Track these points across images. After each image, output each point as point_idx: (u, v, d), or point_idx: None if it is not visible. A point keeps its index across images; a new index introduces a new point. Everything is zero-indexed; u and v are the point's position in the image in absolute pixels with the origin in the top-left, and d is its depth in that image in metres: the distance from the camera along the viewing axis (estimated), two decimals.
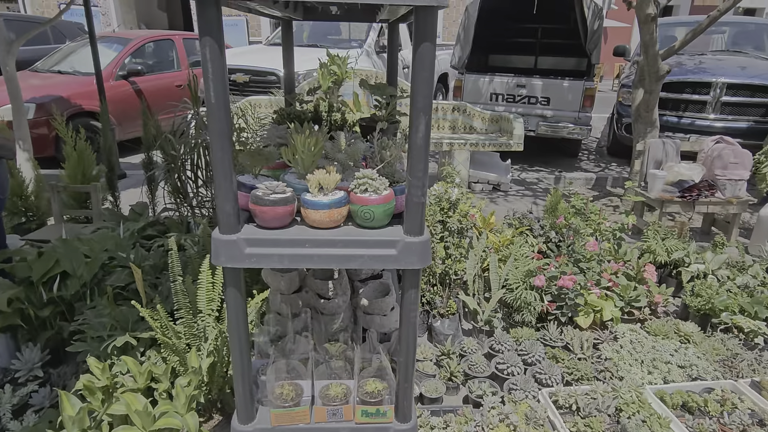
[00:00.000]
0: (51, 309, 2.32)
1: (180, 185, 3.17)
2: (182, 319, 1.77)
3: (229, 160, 1.11)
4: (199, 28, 1.02)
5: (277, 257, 1.17)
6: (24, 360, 2.20)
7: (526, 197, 5.45)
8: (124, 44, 6.65)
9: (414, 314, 1.27)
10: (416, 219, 1.18)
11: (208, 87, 1.05)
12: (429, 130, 1.11)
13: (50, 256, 2.37)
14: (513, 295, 2.74)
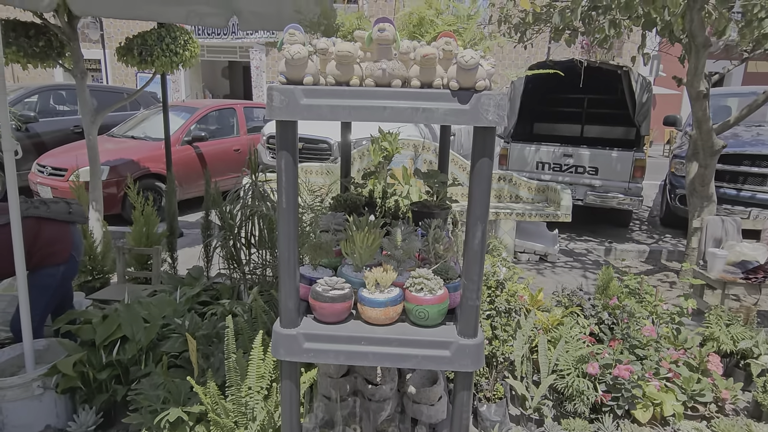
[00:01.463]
0: (108, 372, 2.42)
1: (234, 252, 3.32)
2: (232, 396, 1.80)
3: (294, 261, 1.18)
4: (277, 143, 1.13)
5: (334, 354, 1.20)
6: (79, 423, 2.29)
7: (574, 269, 5.30)
8: (191, 113, 7.25)
9: (466, 416, 1.24)
10: (470, 321, 1.19)
11: (280, 194, 1.15)
12: (485, 237, 1.15)
13: (113, 320, 2.50)
14: (564, 383, 2.61)
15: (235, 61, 19.65)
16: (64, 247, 2.56)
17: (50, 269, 2.52)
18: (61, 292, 2.65)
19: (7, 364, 2.44)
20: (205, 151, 7.06)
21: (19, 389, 2.23)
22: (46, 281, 2.52)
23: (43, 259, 2.50)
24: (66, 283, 2.65)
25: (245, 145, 7.71)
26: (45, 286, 2.52)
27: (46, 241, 2.50)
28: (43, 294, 2.52)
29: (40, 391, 2.28)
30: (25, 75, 15.76)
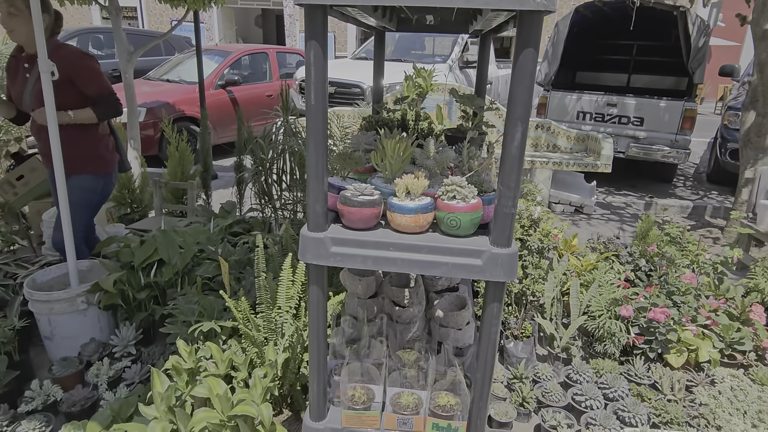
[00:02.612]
0: (147, 292, 2.52)
1: (266, 188, 3.34)
2: (262, 313, 1.84)
3: (323, 161, 1.14)
4: (306, 32, 1.07)
5: (361, 258, 1.18)
6: (121, 337, 2.41)
7: (611, 222, 5.12)
8: (224, 56, 7.20)
9: (495, 329, 1.22)
10: (505, 230, 1.14)
11: (309, 89, 1.10)
12: (525, 139, 1.07)
13: (150, 244, 2.59)
14: (595, 324, 2.56)
15: (268, 9, 19.28)
16: (112, 159, 2.69)
17: (94, 177, 2.61)
18: (98, 208, 2.76)
19: (54, 281, 2.57)
20: (238, 96, 7.04)
21: (66, 303, 2.35)
22: (88, 188, 2.62)
23: (96, 162, 2.60)
24: (103, 199, 2.74)
25: (278, 90, 7.63)
26: (87, 193, 2.62)
27: (105, 146, 2.62)
28: (86, 205, 2.63)
29: (84, 306, 2.40)
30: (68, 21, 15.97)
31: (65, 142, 2.38)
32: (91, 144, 2.57)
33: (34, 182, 3.63)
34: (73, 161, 2.48)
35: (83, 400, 2.08)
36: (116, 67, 7.99)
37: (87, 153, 2.56)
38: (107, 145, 2.69)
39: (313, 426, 1.36)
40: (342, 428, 1.36)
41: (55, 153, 2.32)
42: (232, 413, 1.45)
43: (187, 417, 1.48)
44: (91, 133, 2.57)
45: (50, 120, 2.28)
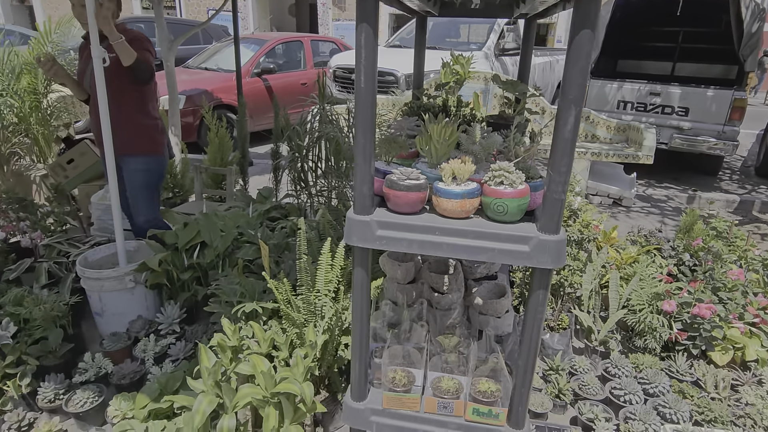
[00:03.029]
0: (190, 273, 2.61)
1: (302, 174, 3.38)
2: (302, 295, 1.88)
3: (371, 144, 1.15)
4: (357, 15, 1.07)
5: (407, 242, 1.19)
6: (166, 315, 2.51)
7: (651, 215, 4.95)
8: (260, 45, 7.28)
9: (540, 316, 1.21)
10: (554, 216, 1.12)
11: (359, 71, 1.10)
12: (578, 123, 1.05)
13: (193, 227, 2.67)
14: (636, 318, 2.50)
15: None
16: (162, 141, 2.81)
17: (150, 157, 2.73)
18: (159, 189, 2.90)
19: (103, 260, 2.69)
20: (274, 84, 7.13)
21: (115, 281, 2.46)
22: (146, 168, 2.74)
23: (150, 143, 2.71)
24: (160, 180, 2.87)
25: (312, 78, 7.69)
26: (146, 173, 2.74)
27: (156, 127, 2.74)
28: (147, 186, 2.76)
29: (132, 285, 2.51)
30: None
31: (122, 124, 2.48)
32: (146, 125, 2.67)
33: (84, 166, 3.80)
34: (129, 142, 2.58)
35: (132, 374, 2.18)
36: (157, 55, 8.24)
37: (143, 134, 2.66)
38: (158, 127, 2.79)
39: (355, 406, 1.39)
40: (382, 409, 1.38)
41: (105, 133, 2.41)
42: (275, 390, 1.50)
43: (233, 392, 1.54)
44: (145, 115, 2.66)
45: (101, 103, 2.37)
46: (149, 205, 2.80)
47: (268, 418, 1.49)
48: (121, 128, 2.50)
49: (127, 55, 2.41)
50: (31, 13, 17.02)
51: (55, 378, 2.11)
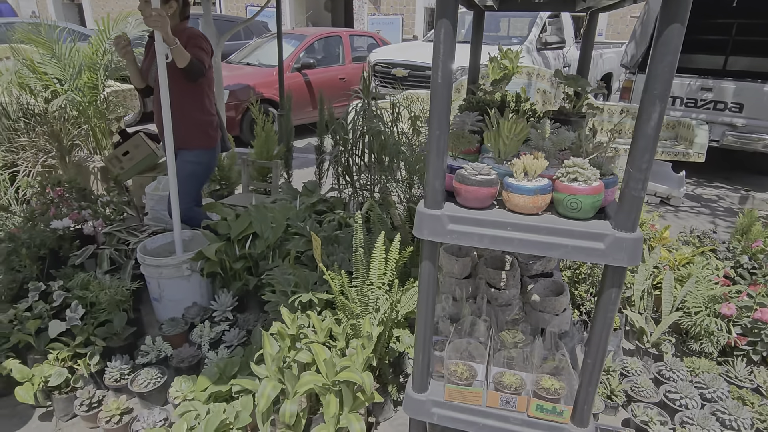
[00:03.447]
0: (242, 263, 2.69)
1: (348, 168, 3.42)
2: (357, 287, 1.92)
3: (445, 139, 1.16)
4: (437, 11, 1.08)
5: (478, 236, 1.20)
6: (220, 303, 2.60)
7: (702, 215, 4.77)
8: (300, 40, 7.38)
9: (611, 315, 1.20)
10: (631, 213, 1.11)
11: (437, 67, 1.11)
12: (662, 119, 1.03)
13: (245, 218, 2.75)
14: (691, 321, 2.43)
15: None
16: (216, 136, 2.92)
17: (201, 151, 2.83)
18: (205, 181, 3.00)
19: (161, 248, 2.81)
20: (313, 79, 7.21)
21: (173, 269, 2.57)
22: (196, 161, 2.84)
23: (203, 138, 2.81)
24: (208, 173, 2.98)
25: (350, 73, 7.74)
26: (195, 165, 2.84)
27: (211, 123, 2.85)
28: (194, 177, 2.86)
29: (188, 272, 2.61)
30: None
31: (179, 120, 2.57)
32: (201, 121, 2.77)
33: (138, 158, 3.96)
34: (184, 137, 2.68)
35: (190, 357, 2.27)
36: None
37: (197, 130, 2.76)
38: (212, 123, 2.88)
39: (417, 397, 1.41)
40: (444, 401, 1.40)
41: (167, 127, 2.51)
42: (336, 378, 1.54)
43: (295, 378, 1.59)
44: (201, 110, 2.76)
45: (163, 99, 2.46)
46: (188, 195, 2.88)
47: (329, 406, 1.53)
48: (177, 124, 2.58)
49: (182, 59, 2.50)
50: (80, 11, 17.75)
51: (121, 359, 2.22)
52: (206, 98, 2.80)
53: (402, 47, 7.56)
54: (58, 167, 3.86)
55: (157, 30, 2.36)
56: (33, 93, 3.80)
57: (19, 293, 2.58)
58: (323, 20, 21.34)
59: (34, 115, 3.87)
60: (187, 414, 1.83)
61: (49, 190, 3.21)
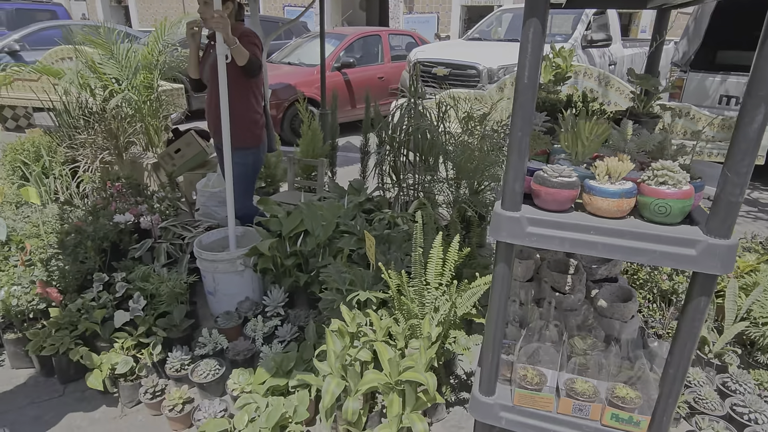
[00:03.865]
0: (293, 260, 2.73)
1: (394, 167, 3.43)
2: (415, 287, 1.92)
3: (527, 140, 1.14)
4: (526, 10, 1.06)
5: (559, 240, 1.17)
6: (272, 298, 2.65)
7: (760, 221, 4.55)
8: (340, 40, 7.43)
9: (699, 324, 1.15)
10: (726, 220, 1.06)
11: (523, 66, 1.09)
12: (766, 123, 0.98)
13: (297, 216, 2.79)
14: (759, 332, 2.31)
15: None
16: (261, 136, 2.96)
17: (245, 151, 2.88)
18: (253, 180, 3.05)
19: (215, 244, 2.88)
20: (352, 78, 7.26)
21: (227, 263, 2.63)
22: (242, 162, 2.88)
23: (248, 138, 2.86)
24: (254, 172, 3.04)
25: (389, 72, 7.75)
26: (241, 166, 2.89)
27: (256, 123, 2.90)
28: (241, 177, 2.91)
29: (242, 268, 2.67)
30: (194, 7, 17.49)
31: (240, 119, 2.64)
32: (247, 120, 2.82)
33: (189, 155, 4.07)
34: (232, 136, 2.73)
35: (245, 351, 2.32)
36: None
37: (244, 128, 2.82)
38: (258, 122, 2.93)
39: (484, 400, 1.40)
40: (512, 405, 1.38)
41: (225, 127, 2.57)
42: (400, 378, 1.54)
43: (358, 376, 1.60)
44: (249, 109, 2.82)
45: (222, 99, 2.53)
46: (242, 194, 2.95)
47: (392, 405, 1.54)
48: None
49: (242, 57, 2.56)
50: (127, 13, 18.44)
51: (181, 349, 2.29)
52: (254, 97, 2.85)
53: (442, 46, 7.52)
54: (115, 163, 4.02)
55: (218, 31, 2.42)
56: (92, 92, 3.97)
57: (83, 283, 2.70)
58: (358, 19, 21.43)
59: (92, 113, 4.05)
60: (247, 406, 1.87)
61: (109, 185, 3.34)
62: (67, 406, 2.17)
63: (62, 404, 2.18)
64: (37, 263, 2.49)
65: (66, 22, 9.10)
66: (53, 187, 3.62)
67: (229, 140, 2.61)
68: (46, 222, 3.12)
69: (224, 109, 2.55)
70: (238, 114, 2.76)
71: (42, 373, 2.32)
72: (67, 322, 2.34)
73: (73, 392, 2.25)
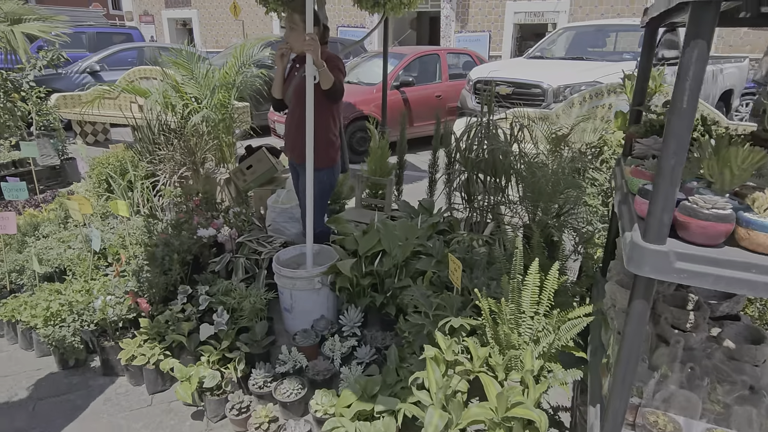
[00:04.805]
0: (368, 279, 2.71)
1: (467, 188, 3.37)
2: (513, 316, 1.83)
3: (680, 170, 1.06)
4: (689, 31, 0.99)
5: (713, 278, 1.07)
6: (348, 318, 2.63)
7: None
8: (399, 59, 7.51)
9: None
10: None
11: (682, 90, 1.02)
12: None
13: (374, 235, 2.77)
14: None
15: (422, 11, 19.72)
16: (336, 157, 2.98)
17: (321, 171, 2.88)
18: (326, 200, 3.08)
19: (290, 261, 2.91)
20: (410, 96, 7.29)
21: (305, 281, 2.64)
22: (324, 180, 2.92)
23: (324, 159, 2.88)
24: (328, 192, 3.05)
25: (446, 91, 7.74)
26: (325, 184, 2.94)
27: (333, 144, 2.93)
28: (324, 191, 2.96)
29: (319, 286, 2.67)
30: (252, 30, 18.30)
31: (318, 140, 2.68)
32: (325, 141, 2.85)
33: (259, 171, 4.18)
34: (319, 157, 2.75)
35: (325, 371, 2.30)
36: None
37: (320, 149, 2.83)
38: (335, 144, 2.95)
39: None
40: None
41: (309, 148, 2.60)
42: (509, 414, 1.46)
43: (460, 408, 1.53)
44: (328, 131, 2.85)
45: (309, 119, 2.57)
46: (316, 213, 2.96)
47: None
48: (302, 142, 2.66)
49: (327, 81, 2.60)
50: (190, 35, 19.53)
51: (263, 366, 2.30)
52: (332, 119, 2.88)
53: (503, 65, 7.44)
54: (190, 178, 4.18)
55: (309, 53, 2.47)
56: (174, 110, 4.17)
57: (166, 295, 2.78)
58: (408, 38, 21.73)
59: (171, 130, 4.24)
60: (335, 430, 1.83)
61: (189, 199, 3.46)
62: (155, 417, 2.21)
63: (150, 415, 2.23)
64: (130, 274, 2.59)
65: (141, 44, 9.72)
66: (136, 200, 3.79)
67: (312, 160, 2.64)
68: (131, 233, 3.26)
69: (309, 130, 2.58)
70: (317, 135, 2.79)
71: (132, 383, 2.39)
72: (155, 333, 2.41)
73: (160, 403, 2.29)
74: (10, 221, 2.81)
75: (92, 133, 7.49)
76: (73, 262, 3.00)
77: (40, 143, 5.03)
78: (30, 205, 3.99)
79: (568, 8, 16.42)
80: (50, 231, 3.39)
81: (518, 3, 17.49)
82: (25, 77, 5.21)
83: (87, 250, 3.06)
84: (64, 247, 3.17)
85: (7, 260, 2.98)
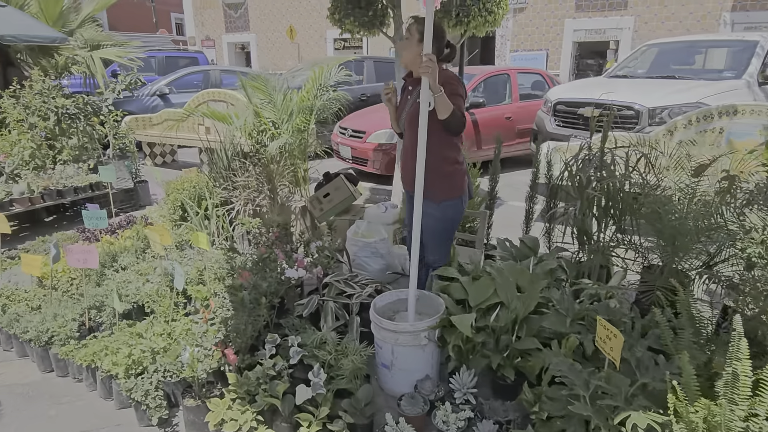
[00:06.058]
0: (482, 336, 2.32)
1: (582, 226, 2.94)
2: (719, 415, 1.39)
3: None
4: None
5: None
6: (461, 382, 2.25)
7: None
8: (469, 79, 7.17)
9: None
10: None
11: None
12: None
13: (488, 284, 2.39)
14: None
15: None
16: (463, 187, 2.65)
17: (452, 201, 2.60)
18: (452, 233, 2.77)
19: (386, 308, 2.57)
20: (480, 118, 6.93)
21: (410, 336, 2.28)
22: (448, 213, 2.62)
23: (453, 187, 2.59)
24: (456, 223, 2.74)
25: (516, 112, 7.33)
26: (448, 218, 2.63)
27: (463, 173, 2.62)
28: (448, 226, 2.66)
29: (425, 341, 2.31)
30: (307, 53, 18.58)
31: (436, 171, 2.36)
32: (447, 172, 2.54)
33: (337, 200, 3.92)
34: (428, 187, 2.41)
35: None
36: (365, 91, 8.75)
37: (442, 181, 2.53)
38: (459, 172, 2.62)
39: None
40: None
41: (419, 175, 2.29)
42: None
43: None
44: (448, 160, 2.54)
45: (420, 147, 2.26)
46: (440, 248, 2.67)
47: None
48: (435, 175, 2.37)
49: (445, 109, 2.29)
50: (248, 58, 20.10)
51: None
52: (454, 146, 2.56)
53: (583, 84, 6.94)
54: (265, 206, 3.97)
55: (425, 76, 2.17)
56: (252, 136, 3.99)
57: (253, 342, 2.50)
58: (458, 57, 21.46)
59: (247, 156, 4.06)
60: None
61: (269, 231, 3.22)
62: None
63: None
64: (218, 323, 2.33)
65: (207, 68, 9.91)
66: (212, 229, 3.60)
67: (421, 196, 2.31)
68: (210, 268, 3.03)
69: (420, 163, 2.27)
70: (437, 164, 2.47)
71: None
72: (245, 392, 2.11)
73: None
74: (92, 255, 2.64)
75: (161, 155, 7.56)
76: (152, 298, 2.79)
77: (116, 166, 5.02)
78: (106, 231, 3.88)
79: (632, 25, 15.70)
80: (128, 262, 3.22)
81: (578, 20, 16.92)
82: (105, 101, 5.25)
83: (166, 284, 2.86)
84: (143, 280, 2.98)
85: (87, 295, 2.81)
